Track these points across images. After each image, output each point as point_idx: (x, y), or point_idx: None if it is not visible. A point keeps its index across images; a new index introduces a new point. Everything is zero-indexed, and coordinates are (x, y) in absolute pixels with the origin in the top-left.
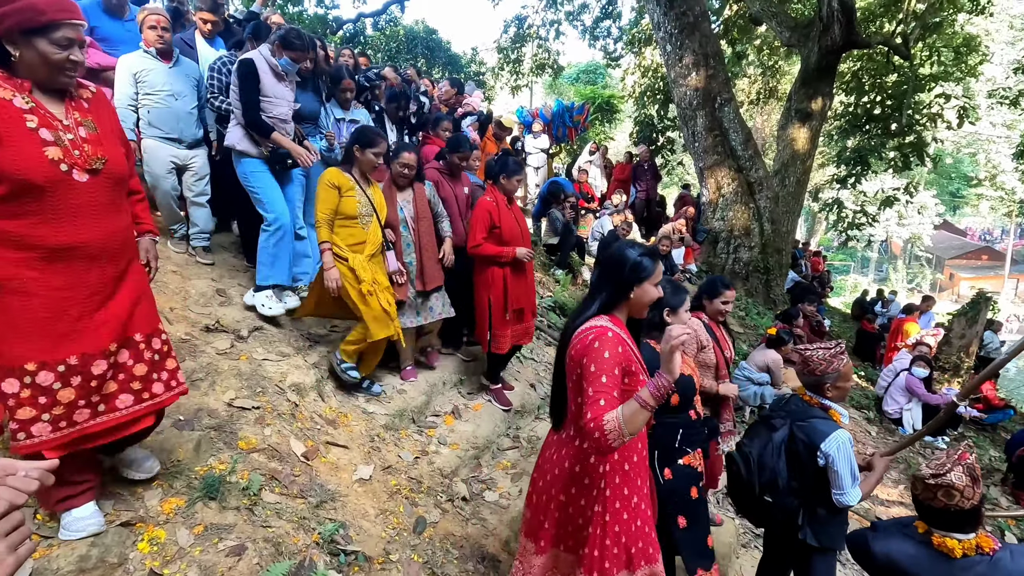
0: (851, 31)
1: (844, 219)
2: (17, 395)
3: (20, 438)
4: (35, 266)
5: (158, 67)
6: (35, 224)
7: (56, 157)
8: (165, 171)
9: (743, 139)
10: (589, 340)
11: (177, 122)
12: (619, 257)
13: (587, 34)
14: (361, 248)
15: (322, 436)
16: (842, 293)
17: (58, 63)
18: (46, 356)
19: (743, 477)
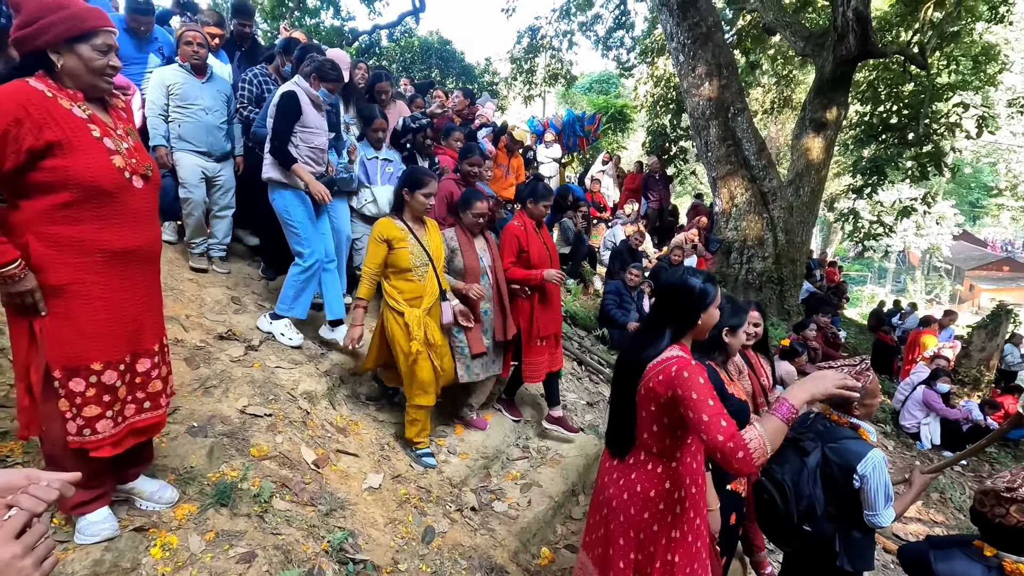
0: (866, 41)
1: (860, 229)
2: (83, 393)
3: (86, 434)
4: (97, 270)
5: (191, 81)
6: (99, 229)
7: (120, 165)
8: (197, 179)
9: (756, 149)
10: (675, 371)
11: (207, 136)
12: (683, 286)
13: (600, 44)
14: (418, 302)
15: (333, 444)
16: (859, 304)
17: (99, 68)
18: (110, 356)
19: (779, 507)
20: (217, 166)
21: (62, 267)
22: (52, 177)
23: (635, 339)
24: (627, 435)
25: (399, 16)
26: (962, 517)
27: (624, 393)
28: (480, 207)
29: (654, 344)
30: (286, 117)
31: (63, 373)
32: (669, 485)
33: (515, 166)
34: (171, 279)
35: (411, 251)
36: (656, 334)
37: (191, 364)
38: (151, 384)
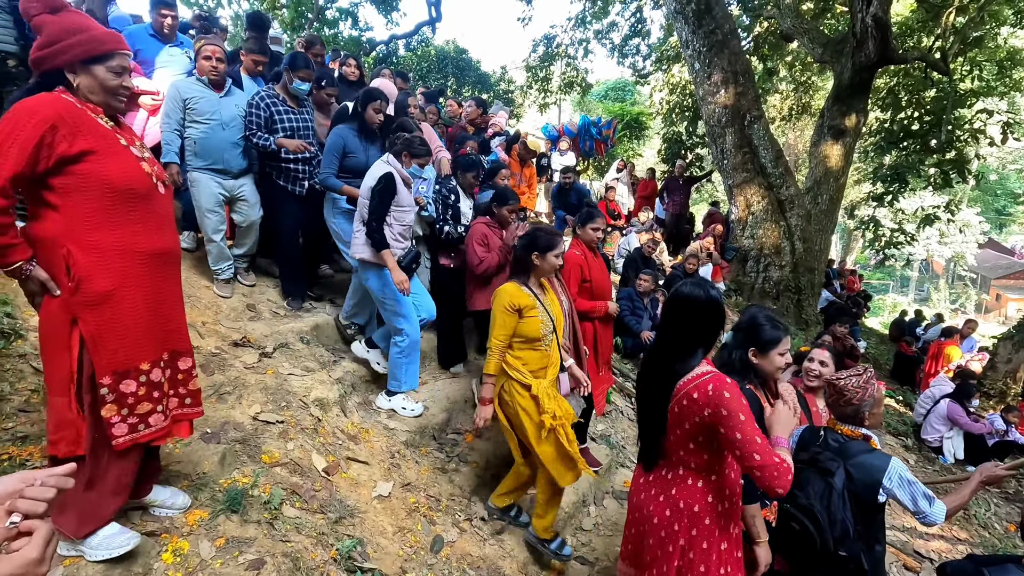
0: (886, 47)
1: (881, 238)
2: (136, 393)
3: (140, 429)
4: (138, 272)
5: (208, 95)
6: (136, 233)
7: (148, 171)
8: (213, 204)
9: (773, 156)
10: (712, 390)
11: (223, 152)
12: (714, 301)
13: (616, 52)
14: (544, 372)
15: (343, 451)
16: (880, 313)
17: (114, 88)
18: (154, 355)
19: (814, 535)
20: (235, 183)
21: (107, 273)
22: (87, 182)
23: (660, 353)
24: (658, 448)
25: (416, 26)
26: (987, 535)
27: (654, 409)
28: (562, 246)
29: (683, 359)
30: (384, 199)
31: (113, 378)
32: (712, 499)
33: (527, 175)
34: (188, 287)
35: (541, 319)
36: (683, 349)
37: (206, 371)
38: (192, 382)
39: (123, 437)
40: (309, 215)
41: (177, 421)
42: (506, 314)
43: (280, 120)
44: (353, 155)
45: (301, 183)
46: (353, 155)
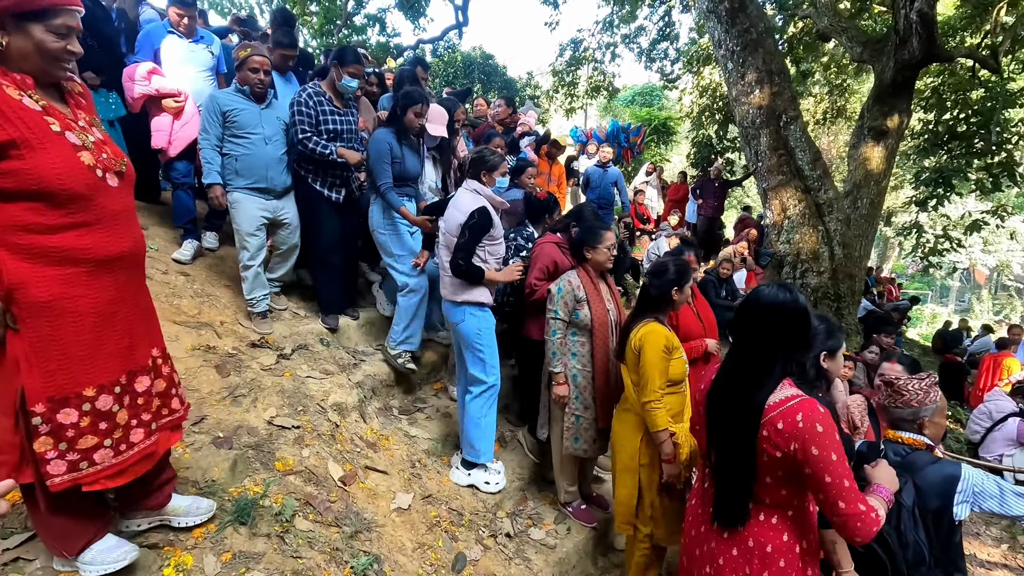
0: (932, 44)
1: (924, 244)
2: (77, 424)
3: (82, 467)
4: (83, 281)
5: (250, 108)
6: (79, 236)
7: (91, 162)
8: (255, 228)
9: (811, 158)
10: (804, 420)
11: (267, 170)
12: (797, 307)
13: (643, 56)
14: (681, 416)
15: (361, 460)
16: (919, 324)
17: (55, 52)
18: (103, 378)
19: (886, 563)
20: (279, 204)
21: (44, 281)
22: (14, 183)
23: (732, 373)
24: (744, 502)
25: (443, 31)
26: None
27: (736, 449)
28: (611, 239)
29: (763, 382)
30: (476, 235)
31: (49, 406)
32: (788, 537)
33: (556, 173)
34: (208, 285)
35: (684, 357)
36: (762, 368)
37: (222, 372)
38: (153, 403)
39: (59, 477)
40: (348, 224)
41: (148, 456)
42: (663, 358)
43: (326, 122)
44: (396, 162)
45: (339, 189)
46: (396, 162)
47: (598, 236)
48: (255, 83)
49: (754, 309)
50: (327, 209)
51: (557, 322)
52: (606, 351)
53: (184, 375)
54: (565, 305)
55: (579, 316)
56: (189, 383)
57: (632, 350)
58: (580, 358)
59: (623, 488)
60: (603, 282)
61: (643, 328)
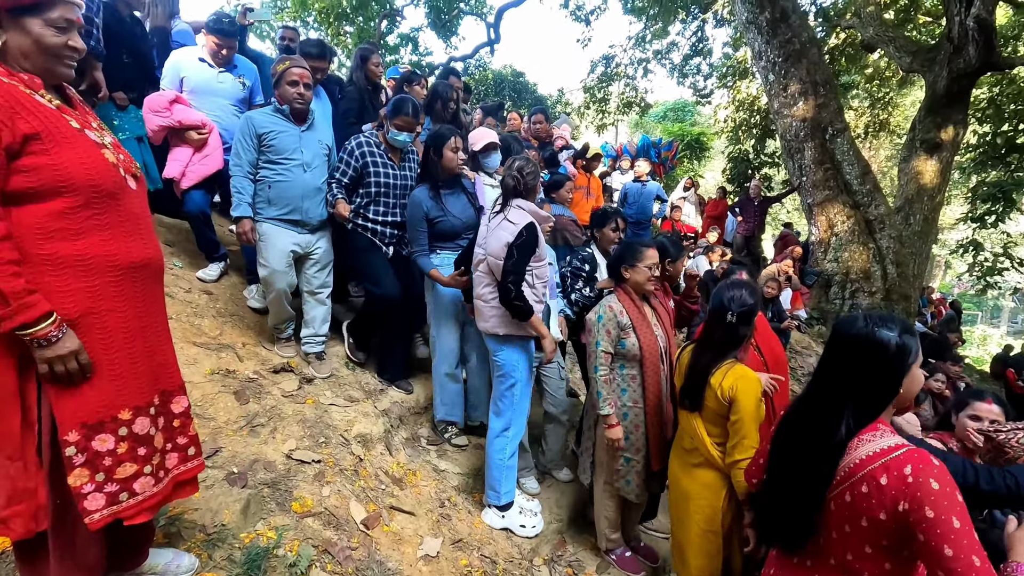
0: (990, 51)
1: (983, 264)
2: (115, 451)
3: (123, 499)
4: (111, 293)
5: (290, 130)
6: (105, 241)
7: (113, 160)
8: (284, 264)
9: (860, 172)
10: (913, 475)
11: (302, 200)
12: (872, 343)
13: (676, 72)
14: None
15: (386, 498)
16: (969, 346)
17: (55, 48)
18: (138, 399)
19: None
20: (312, 238)
21: (69, 296)
22: (38, 181)
23: (803, 411)
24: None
25: (474, 48)
26: None
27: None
28: (653, 257)
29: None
30: (524, 255)
31: (83, 433)
32: None
33: (595, 187)
34: (232, 304)
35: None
36: (839, 411)
37: (240, 399)
38: (191, 426)
39: (99, 512)
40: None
41: (181, 483)
42: (759, 405)
43: (376, 174)
44: (440, 219)
45: (388, 246)
46: (440, 219)
47: (638, 253)
48: (294, 98)
49: (835, 344)
50: (382, 258)
51: (601, 355)
52: (659, 383)
53: (201, 402)
54: (608, 334)
55: (625, 345)
56: (206, 411)
57: (718, 399)
58: (631, 393)
59: (701, 557)
60: (647, 304)
61: (731, 373)
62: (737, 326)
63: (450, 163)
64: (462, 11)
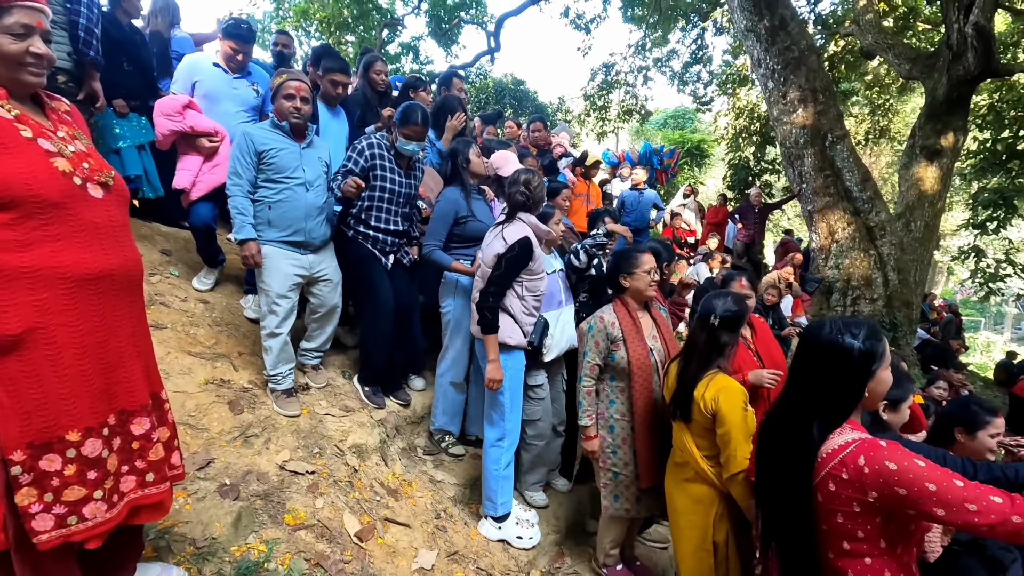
0: (990, 58)
1: (985, 270)
2: (61, 472)
3: (71, 523)
4: (62, 307)
5: (290, 147)
6: (55, 252)
7: (67, 169)
8: (286, 289)
9: (860, 179)
10: (867, 462)
11: (305, 220)
12: (835, 348)
13: (676, 79)
14: None
15: (381, 510)
16: (973, 353)
17: (15, 56)
18: (90, 419)
19: None
20: (316, 258)
21: (15, 310)
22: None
23: (779, 421)
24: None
25: (475, 57)
26: None
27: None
28: (649, 262)
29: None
30: (513, 269)
31: (28, 453)
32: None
33: (594, 194)
34: (229, 313)
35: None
36: (808, 416)
37: (235, 409)
38: (152, 449)
39: (47, 534)
40: (401, 290)
41: (137, 509)
42: (745, 418)
43: (383, 178)
44: (468, 219)
45: (388, 256)
46: (468, 219)
47: (634, 260)
48: (291, 112)
49: (802, 350)
50: (381, 271)
51: (587, 366)
52: (649, 398)
53: (194, 412)
54: (596, 346)
55: (615, 359)
56: (199, 421)
57: (702, 412)
58: (619, 406)
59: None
60: (647, 314)
61: (712, 384)
62: (720, 332)
63: (478, 168)
64: (463, 20)
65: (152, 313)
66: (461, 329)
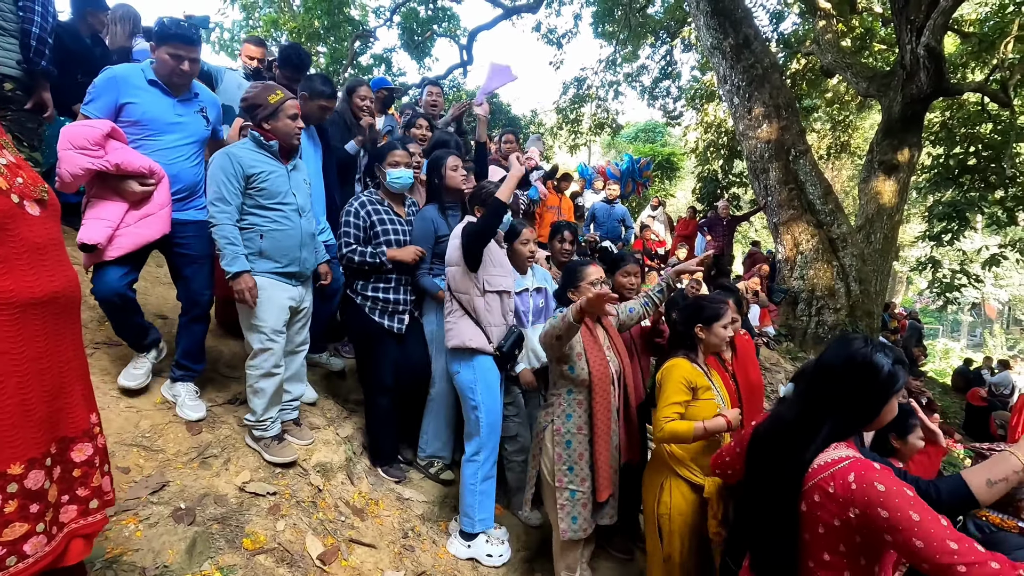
0: (940, 78)
1: (941, 280)
2: (1, 511)
3: (10, 564)
4: (6, 334)
5: (278, 169)
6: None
7: (3, 186)
8: (282, 323)
9: (822, 192)
10: (857, 481)
11: (300, 249)
12: (867, 365)
13: (646, 94)
14: None
15: (345, 530)
16: (932, 360)
17: None
18: (32, 451)
19: None
20: (303, 291)
21: None
22: None
23: (777, 427)
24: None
25: (447, 69)
26: None
27: (776, 508)
28: (595, 273)
29: (809, 440)
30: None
31: None
32: None
33: (565, 208)
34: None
35: (718, 402)
36: (809, 426)
37: (192, 429)
38: (94, 476)
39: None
40: (410, 357)
41: (76, 537)
42: (681, 387)
43: (386, 232)
44: (445, 239)
45: (401, 317)
46: (445, 239)
47: (579, 273)
48: (294, 133)
49: (826, 362)
50: (389, 343)
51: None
52: (608, 411)
53: (149, 433)
54: None
55: (574, 371)
56: (154, 442)
57: (658, 390)
58: (575, 419)
59: (649, 540)
60: (600, 327)
61: (666, 364)
62: (682, 326)
63: (453, 182)
64: (435, 33)
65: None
66: (444, 346)
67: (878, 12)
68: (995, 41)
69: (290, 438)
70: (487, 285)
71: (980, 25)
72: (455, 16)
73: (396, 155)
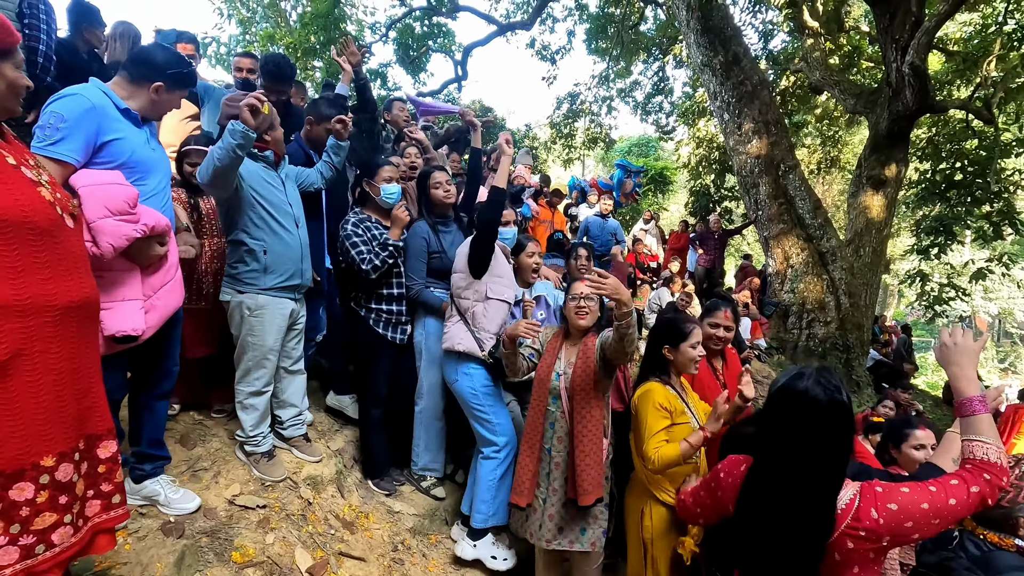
0: (925, 96)
1: (929, 293)
2: (33, 501)
3: (38, 552)
4: (46, 335)
5: (273, 179)
6: (45, 281)
7: (50, 198)
8: (275, 339)
9: (811, 207)
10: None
11: (301, 260)
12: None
13: (639, 109)
14: None
15: (335, 544)
16: (924, 372)
17: (22, 88)
18: (63, 444)
19: None
20: (299, 307)
21: (3, 336)
22: None
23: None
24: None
25: (442, 84)
26: None
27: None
28: (576, 289)
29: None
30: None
31: (1, 481)
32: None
33: (558, 222)
34: None
35: (693, 425)
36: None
37: (186, 444)
38: (117, 473)
39: (11, 567)
40: (404, 370)
41: (99, 532)
42: (657, 413)
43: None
44: (437, 254)
45: (404, 328)
46: (437, 254)
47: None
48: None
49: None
50: (387, 354)
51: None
52: (539, 417)
53: None
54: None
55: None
56: None
57: (632, 413)
58: (558, 431)
59: (633, 565)
60: (580, 342)
61: (639, 390)
62: (657, 343)
63: (436, 198)
64: (431, 48)
65: None
66: (434, 357)
67: (865, 31)
68: (978, 60)
69: (299, 454)
70: (488, 292)
71: (964, 44)
72: (450, 32)
73: (387, 171)
